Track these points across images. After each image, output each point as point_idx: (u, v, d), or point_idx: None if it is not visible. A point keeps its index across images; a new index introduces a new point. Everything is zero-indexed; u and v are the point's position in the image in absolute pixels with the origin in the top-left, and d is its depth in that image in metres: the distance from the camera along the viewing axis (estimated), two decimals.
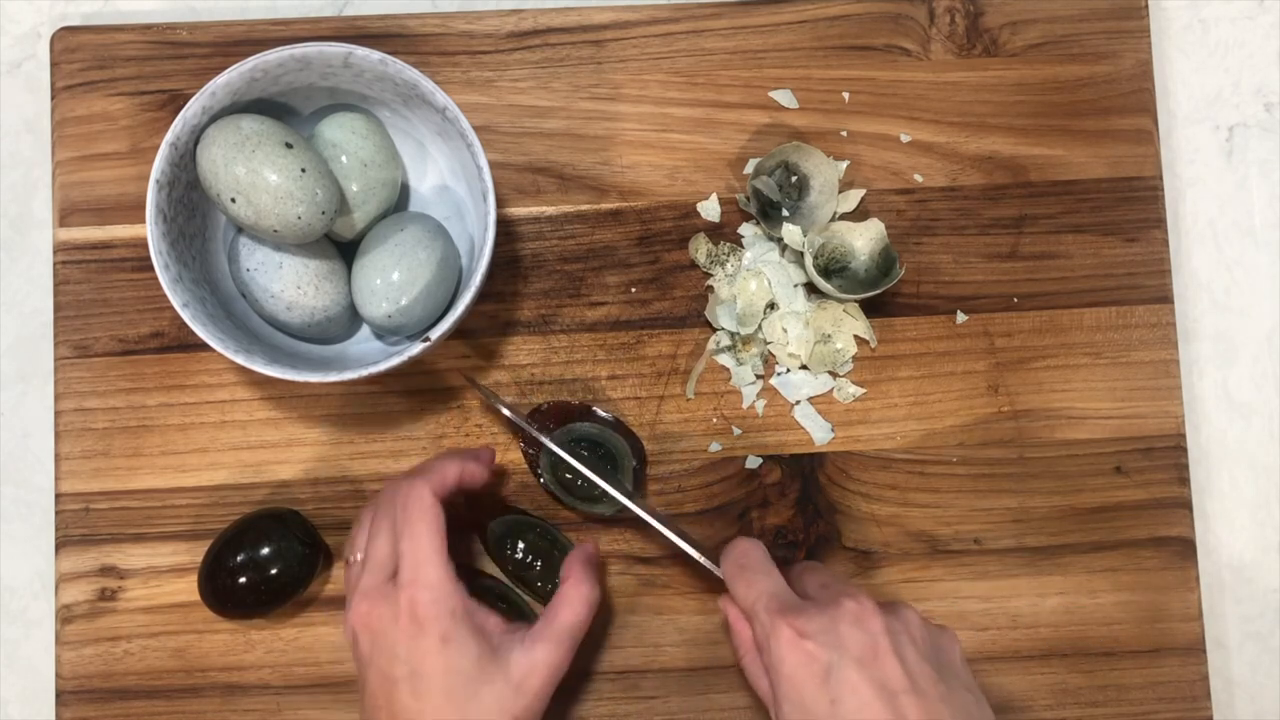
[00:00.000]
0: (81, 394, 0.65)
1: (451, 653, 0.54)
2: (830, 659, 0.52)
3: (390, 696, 0.54)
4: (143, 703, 0.63)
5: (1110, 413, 0.66)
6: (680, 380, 0.66)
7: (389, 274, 0.60)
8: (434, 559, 0.55)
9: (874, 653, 0.52)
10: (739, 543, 0.59)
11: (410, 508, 0.56)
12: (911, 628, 0.55)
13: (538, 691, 0.55)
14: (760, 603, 0.55)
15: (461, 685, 0.54)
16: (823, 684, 0.52)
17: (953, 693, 0.53)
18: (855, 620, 0.53)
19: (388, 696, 0.54)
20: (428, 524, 0.55)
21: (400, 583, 0.55)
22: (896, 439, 0.66)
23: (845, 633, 0.53)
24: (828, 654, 0.52)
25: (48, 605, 0.66)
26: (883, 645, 0.53)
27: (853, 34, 0.68)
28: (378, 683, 0.55)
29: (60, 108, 0.66)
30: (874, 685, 0.52)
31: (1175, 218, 0.69)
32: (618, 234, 0.66)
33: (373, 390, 0.65)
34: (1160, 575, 0.65)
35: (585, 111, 0.67)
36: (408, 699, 0.54)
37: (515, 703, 0.55)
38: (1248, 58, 0.71)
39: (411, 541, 0.55)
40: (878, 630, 0.53)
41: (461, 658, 0.54)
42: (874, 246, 0.66)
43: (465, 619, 0.55)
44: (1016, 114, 0.67)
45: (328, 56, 0.59)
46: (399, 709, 0.54)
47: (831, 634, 0.53)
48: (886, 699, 0.51)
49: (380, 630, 0.55)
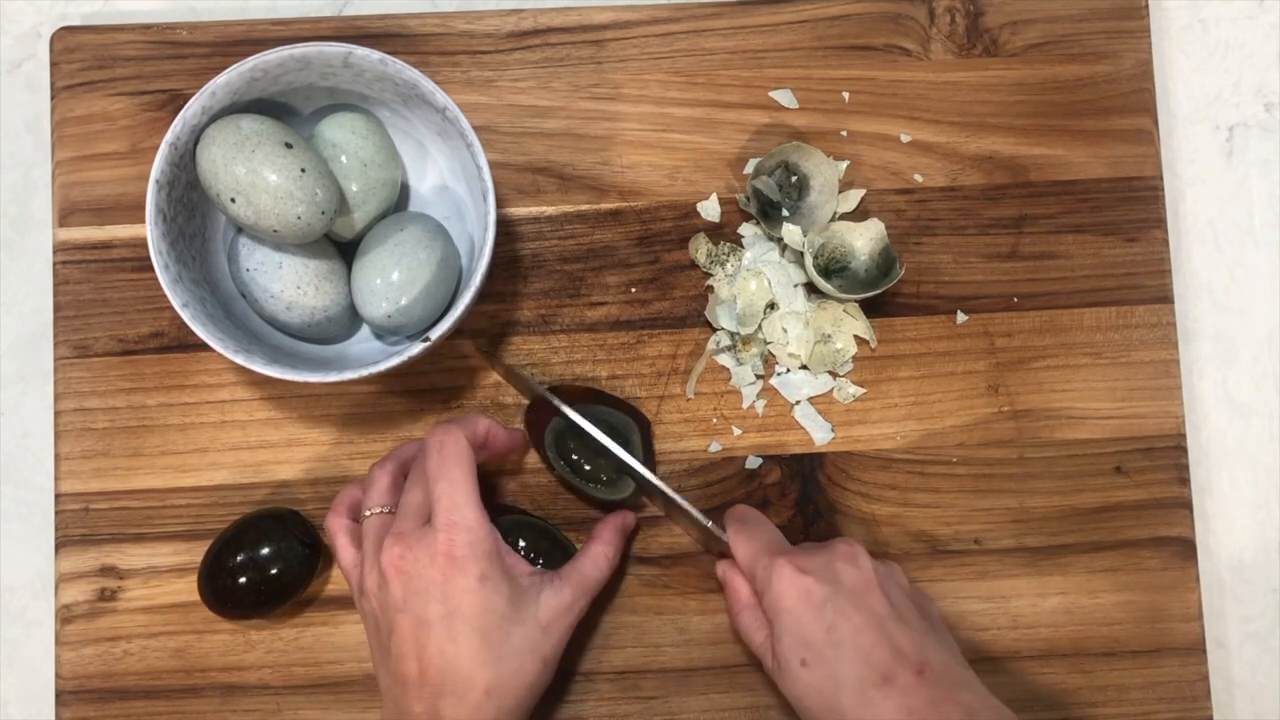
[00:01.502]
0: (81, 394, 0.65)
1: (487, 592, 0.56)
2: (826, 591, 0.56)
3: (422, 643, 0.55)
4: (143, 703, 0.63)
5: (1110, 413, 0.66)
6: (680, 380, 0.66)
7: (389, 274, 0.60)
8: (470, 501, 0.56)
9: (865, 586, 0.57)
10: (738, 505, 0.63)
11: (446, 452, 0.57)
12: (896, 574, 0.60)
13: (563, 634, 0.58)
14: (762, 550, 0.59)
15: (496, 625, 0.56)
16: (819, 613, 0.56)
17: (935, 630, 0.58)
18: (849, 559, 0.58)
19: (419, 643, 0.55)
20: (463, 468, 0.57)
21: (437, 525, 0.56)
22: (896, 439, 0.66)
23: (840, 569, 0.57)
24: (824, 587, 0.56)
25: (48, 605, 0.66)
26: (872, 580, 0.57)
27: (853, 34, 0.68)
28: (409, 628, 0.55)
29: (60, 108, 0.66)
30: (865, 613, 0.56)
31: (1175, 218, 0.69)
32: (618, 234, 0.66)
33: (373, 390, 0.65)
34: (1160, 575, 0.65)
35: (585, 111, 0.67)
36: (443, 641, 0.55)
37: (544, 644, 0.57)
38: (1248, 58, 0.71)
39: (448, 485, 0.56)
40: (868, 568, 0.58)
41: (496, 596, 0.56)
42: (874, 246, 0.66)
43: (498, 560, 0.57)
44: (1016, 114, 0.67)
45: (328, 56, 0.59)
46: (432, 654, 0.55)
47: (828, 569, 0.57)
48: (877, 625, 0.56)
49: (416, 573, 0.55)
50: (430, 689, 0.55)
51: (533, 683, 0.57)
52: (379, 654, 0.57)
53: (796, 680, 0.56)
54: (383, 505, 0.59)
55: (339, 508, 0.60)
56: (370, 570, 0.57)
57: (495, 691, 0.55)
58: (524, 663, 0.56)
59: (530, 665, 0.56)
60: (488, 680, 0.55)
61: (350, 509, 0.61)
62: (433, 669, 0.55)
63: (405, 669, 0.55)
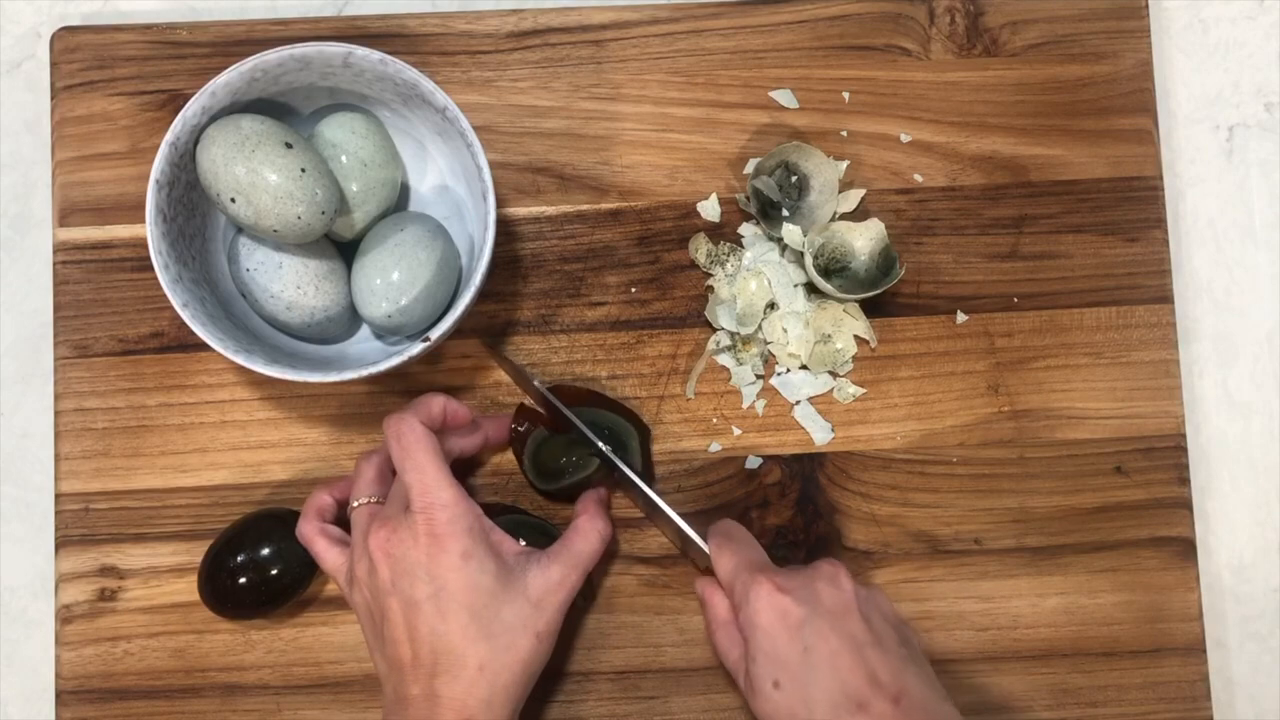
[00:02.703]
0: (81, 394, 0.65)
1: (473, 569, 0.56)
2: (804, 612, 0.55)
3: (413, 624, 0.55)
4: (143, 703, 0.63)
5: (1110, 413, 0.66)
6: (680, 380, 0.66)
7: (389, 274, 0.60)
8: (441, 480, 0.57)
9: (845, 609, 0.56)
10: (723, 520, 0.62)
11: (405, 440, 0.57)
12: (879, 600, 0.58)
13: (557, 609, 0.58)
14: (743, 566, 0.58)
15: (484, 602, 0.56)
16: (796, 633, 0.55)
17: (915, 659, 0.56)
18: (830, 579, 0.57)
19: (410, 624, 0.55)
20: (424, 450, 0.57)
21: (414, 508, 0.56)
22: (896, 439, 0.66)
23: (821, 589, 0.56)
24: (801, 607, 0.56)
25: (48, 605, 0.66)
26: (852, 604, 0.56)
27: (853, 34, 0.68)
28: (400, 611, 0.56)
29: (60, 108, 0.66)
30: (843, 636, 0.55)
31: (1175, 218, 0.69)
32: (618, 234, 0.66)
33: (373, 390, 0.65)
34: (1160, 575, 0.65)
35: (585, 111, 0.67)
36: (433, 620, 0.55)
37: (536, 619, 0.57)
38: (1248, 58, 0.71)
39: (416, 471, 0.57)
40: (849, 590, 0.57)
41: (482, 573, 0.56)
42: (874, 246, 0.66)
43: (483, 537, 0.57)
44: (1016, 114, 0.67)
45: (328, 56, 0.59)
46: (424, 634, 0.55)
47: (808, 590, 0.56)
48: (854, 649, 0.55)
49: (401, 555, 0.56)
50: (425, 670, 0.55)
51: (527, 659, 0.56)
52: (375, 644, 0.58)
53: (768, 701, 0.55)
54: (370, 495, 0.59)
55: (309, 514, 0.61)
56: (360, 558, 0.57)
57: (488, 668, 0.55)
58: (516, 638, 0.56)
59: (523, 641, 0.56)
60: (480, 657, 0.55)
61: (319, 512, 0.61)
62: (425, 649, 0.55)
63: (400, 653, 0.56)
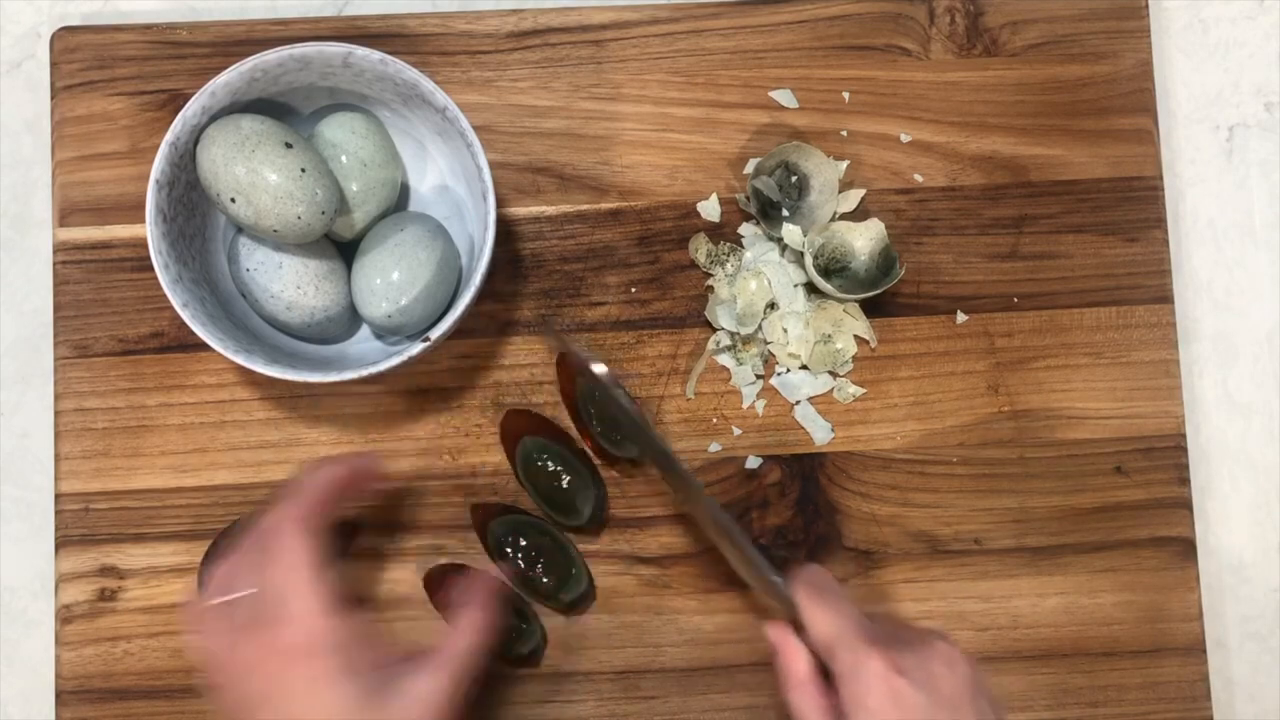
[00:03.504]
0: (81, 394, 0.65)
1: (322, 697, 0.49)
2: (920, 700, 0.50)
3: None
4: (143, 703, 0.63)
5: (1110, 413, 0.66)
6: (680, 380, 0.66)
7: (389, 274, 0.60)
8: (302, 591, 0.51)
9: (961, 699, 0.51)
10: (810, 567, 0.56)
11: (268, 543, 0.52)
12: (985, 682, 0.53)
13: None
14: (848, 631, 0.52)
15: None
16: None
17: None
18: (947, 663, 0.52)
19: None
20: (291, 555, 0.51)
21: (264, 621, 0.51)
22: (896, 439, 0.66)
23: (938, 673, 0.51)
24: (918, 694, 0.50)
25: (48, 605, 0.66)
26: (969, 694, 0.52)
27: (853, 34, 0.68)
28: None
29: (60, 108, 0.66)
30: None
31: (1175, 218, 0.69)
32: (618, 234, 0.66)
33: (373, 390, 0.65)
34: (1160, 575, 0.65)
35: (585, 111, 0.67)
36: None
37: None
38: (1248, 58, 0.71)
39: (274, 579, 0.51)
40: (968, 676, 0.52)
41: (334, 702, 0.49)
42: (874, 246, 0.66)
43: (339, 655, 0.50)
44: (1016, 114, 0.67)
45: (327, 56, 0.59)
46: None
47: (924, 672, 0.51)
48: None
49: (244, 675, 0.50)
50: None
51: None
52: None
53: None
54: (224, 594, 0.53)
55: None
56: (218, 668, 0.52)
57: None
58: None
59: None
60: None
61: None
62: None
63: None
